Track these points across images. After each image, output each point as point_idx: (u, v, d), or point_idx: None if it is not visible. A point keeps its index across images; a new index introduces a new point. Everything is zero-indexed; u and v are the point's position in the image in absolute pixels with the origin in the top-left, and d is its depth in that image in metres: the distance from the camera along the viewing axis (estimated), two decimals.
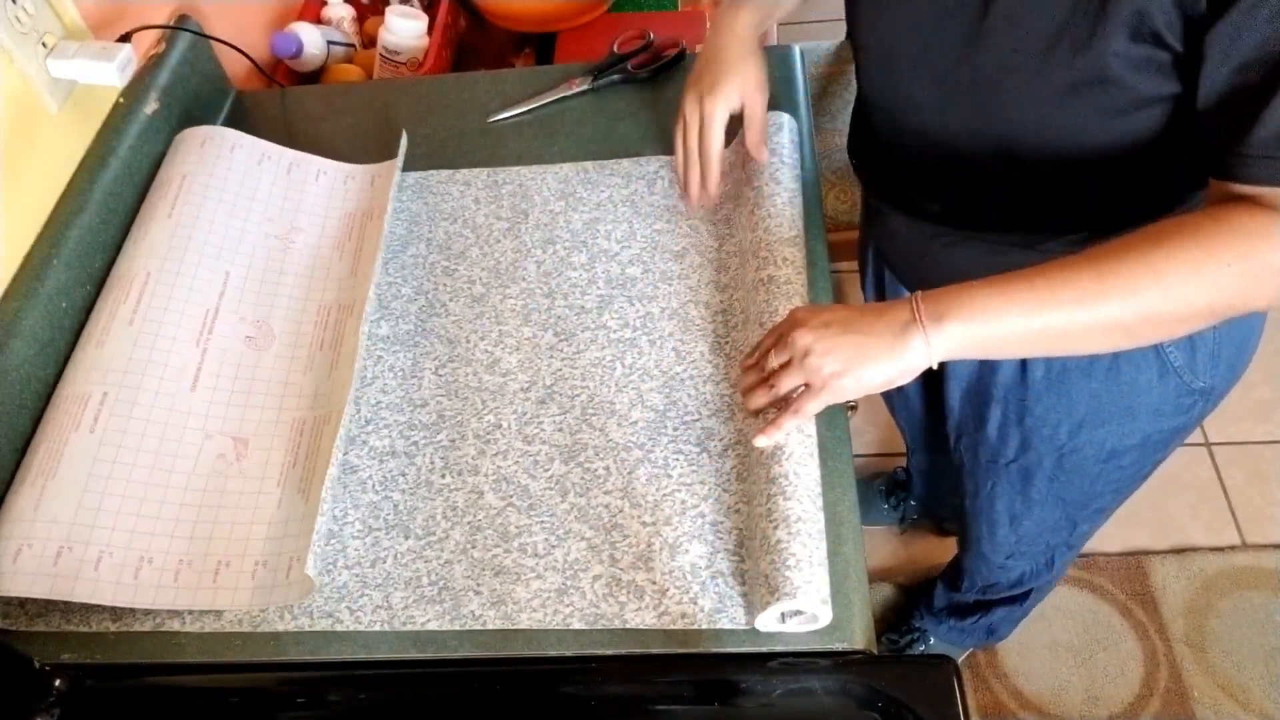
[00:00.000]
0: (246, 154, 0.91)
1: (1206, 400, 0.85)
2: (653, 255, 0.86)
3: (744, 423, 0.73)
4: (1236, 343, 0.81)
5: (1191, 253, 0.58)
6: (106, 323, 0.78)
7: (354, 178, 0.95)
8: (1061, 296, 0.59)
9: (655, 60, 1.02)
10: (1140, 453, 0.91)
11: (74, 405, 0.74)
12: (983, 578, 1.22)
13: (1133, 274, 0.58)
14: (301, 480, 0.73)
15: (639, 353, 0.79)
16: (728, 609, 0.64)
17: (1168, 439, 0.90)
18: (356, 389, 0.79)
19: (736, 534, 0.68)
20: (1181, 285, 0.58)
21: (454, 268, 0.87)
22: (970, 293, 0.61)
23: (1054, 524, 1.03)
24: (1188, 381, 0.81)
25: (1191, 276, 0.58)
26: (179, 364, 0.77)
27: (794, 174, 0.86)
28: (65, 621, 0.69)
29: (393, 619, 0.67)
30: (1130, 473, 0.94)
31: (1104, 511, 1.03)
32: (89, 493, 0.69)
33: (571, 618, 0.65)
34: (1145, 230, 0.60)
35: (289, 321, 0.84)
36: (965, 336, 0.61)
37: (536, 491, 0.72)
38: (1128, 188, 0.70)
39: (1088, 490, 0.96)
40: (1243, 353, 0.84)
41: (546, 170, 0.94)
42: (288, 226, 0.89)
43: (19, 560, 0.66)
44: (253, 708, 0.66)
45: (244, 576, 0.68)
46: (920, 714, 0.60)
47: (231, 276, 0.84)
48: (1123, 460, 0.91)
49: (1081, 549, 1.19)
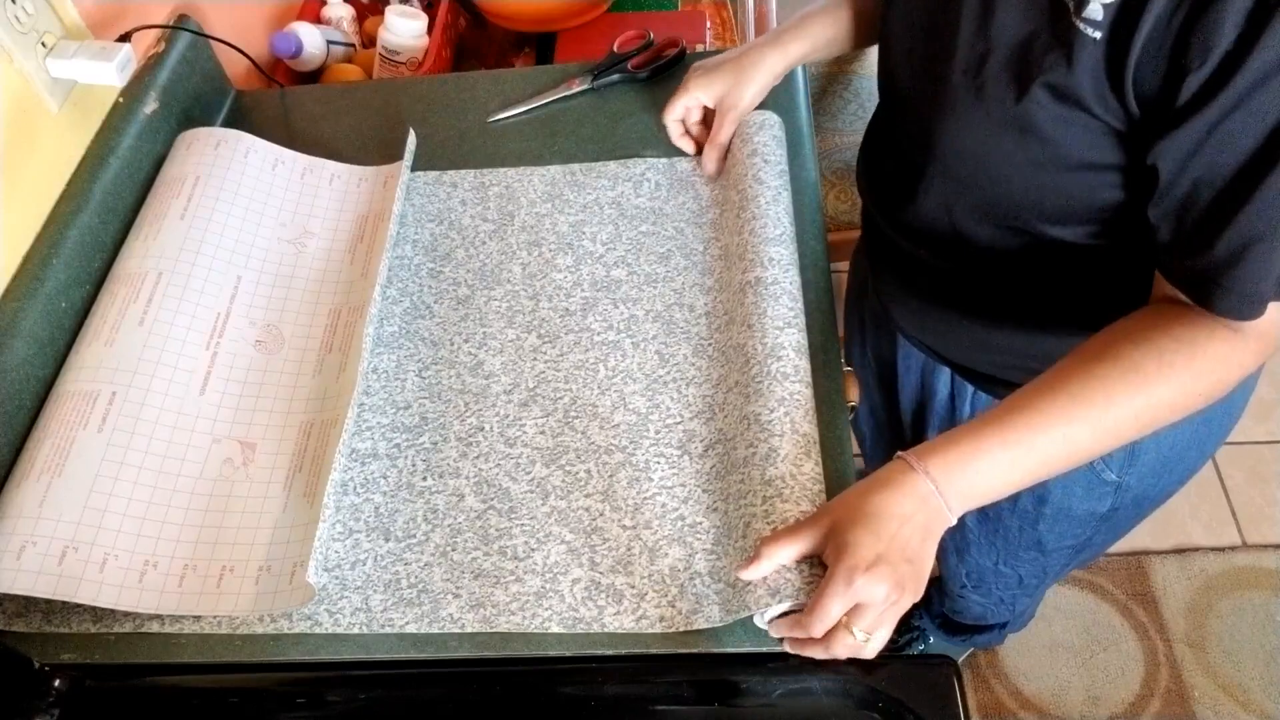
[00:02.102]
0: (261, 159, 0.92)
1: (1122, 496, 0.85)
2: (638, 258, 0.85)
3: (724, 422, 0.73)
4: (1163, 451, 0.81)
5: (1161, 393, 0.59)
6: (116, 320, 0.78)
7: (366, 180, 0.94)
8: (1038, 442, 0.60)
9: (655, 60, 1.02)
10: (1054, 523, 0.91)
11: (82, 402, 0.73)
12: (949, 605, 1.22)
13: (1103, 416, 0.59)
14: (307, 485, 0.73)
15: (622, 355, 0.79)
16: (704, 609, 0.64)
17: (1084, 521, 0.90)
18: None
19: (714, 532, 0.68)
20: (1146, 413, 0.60)
21: (439, 269, 0.87)
22: (961, 461, 0.60)
23: (993, 568, 1.03)
24: (1098, 471, 0.82)
25: (1154, 405, 0.60)
26: (189, 366, 0.77)
27: (778, 171, 0.86)
28: (46, 622, 0.68)
29: (371, 621, 0.66)
30: (1052, 542, 0.94)
31: (1045, 572, 1.03)
32: (95, 493, 0.69)
33: (550, 621, 0.65)
34: (1108, 352, 0.60)
35: (299, 325, 0.83)
36: (970, 502, 0.61)
37: (517, 494, 0.72)
38: (1082, 264, 0.69)
39: (1013, 543, 0.96)
40: (1173, 465, 0.83)
41: (533, 172, 0.94)
42: (301, 230, 0.89)
43: (23, 558, 0.65)
44: (252, 708, 0.66)
45: (247, 582, 0.68)
46: (920, 714, 0.60)
47: (243, 280, 0.84)
48: (1038, 525, 0.92)
49: (1042, 597, 1.18)
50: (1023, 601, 1.16)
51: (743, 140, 0.88)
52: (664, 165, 0.92)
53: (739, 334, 0.76)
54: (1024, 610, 1.21)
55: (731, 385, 0.74)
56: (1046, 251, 0.69)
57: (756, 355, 0.73)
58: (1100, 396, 0.59)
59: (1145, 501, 0.88)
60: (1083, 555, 1.00)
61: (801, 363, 0.72)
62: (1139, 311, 0.63)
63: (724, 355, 0.77)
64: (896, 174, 0.77)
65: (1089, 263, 0.69)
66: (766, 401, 0.70)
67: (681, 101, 0.89)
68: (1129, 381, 0.59)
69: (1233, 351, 0.60)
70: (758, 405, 0.70)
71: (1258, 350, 0.61)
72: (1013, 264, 0.73)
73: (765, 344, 0.73)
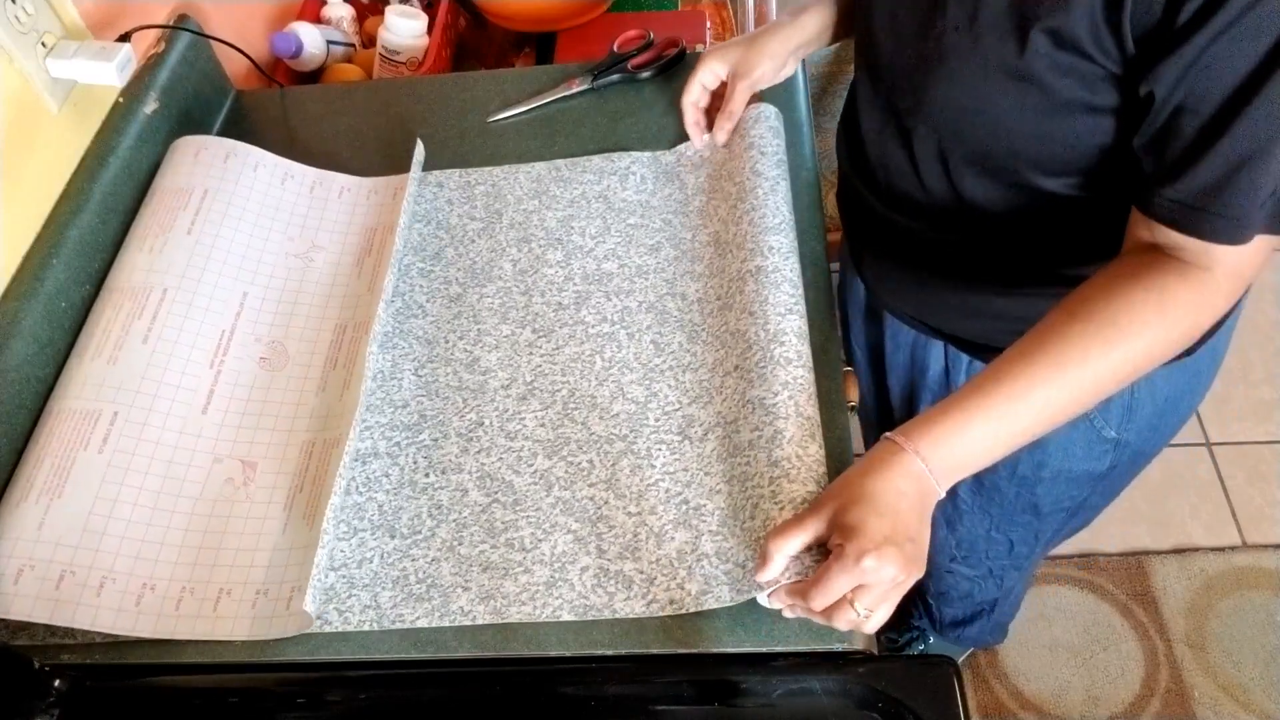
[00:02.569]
0: (269, 173, 0.91)
1: (1121, 453, 0.86)
2: (628, 250, 0.86)
3: (723, 406, 0.73)
4: (1158, 403, 0.82)
5: (1136, 345, 0.61)
6: (120, 337, 0.77)
7: (377, 191, 0.94)
8: (1019, 409, 0.61)
9: (655, 60, 1.02)
10: (1052, 486, 0.92)
11: (83, 422, 0.73)
12: (934, 586, 1.22)
13: (1081, 374, 0.61)
14: (307, 506, 0.72)
15: (618, 346, 0.79)
16: (713, 589, 0.65)
17: (1080, 480, 0.91)
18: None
19: (719, 514, 0.68)
20: (1124, 366, 0.62)
21: (429, 269, 0.88)
22: (947, 436, 0.61)
23: (986, 535, 1.04)
24: (1099, 428, 0.83)
25: (1131, 357, 0.62)
26: (192, 385, 0.77)
27: (775, 161, 0.86)
28: (50, 634, 0.68)
29: (381, 618, 0.66)
30: (1048, 505, 0.95)
31: (1038, 537, 1.03)
32: (94, 515, 0.68)
33: (561, 610, 0.66)
34: (1082, 309, 0.62)
35: (304, 341, 0.83)
36: (958, 474, 0.63)
37: (521, 487, 0.72)
38: (1072, 218, 0.71)
39: (1009, 508, 0.97)
40: (1167, 416, 0.85)
41: (519, 169, 0.94)
42: (309, 244, 0.89)
43: (20, 582, 0.65)
44: (252, 708, 0.66)
45: (244, 605, 0.67)
46: (920, 714, 0.60)
47: (249, 296, 0.83)
48: (1035, 489, 0.92)
49: (1034, 570, 1.19)
50: (1011, 576, 1.15)
51: (740, 134, 0.89)
52: (648, 159, 0.93)
53: (738, 320, 0.76)
54: (1012, 587, 1.21)
55: (730, 369, 0.75)
56: (1037, 206, 0.71)
57: (759, 340, 0.73)
58: (1076, 356, 0.60)
59: (1141, 457, 0.90)
60: (1075, 520, 1.00)
61: (803, 348, 0.73)
62: (1111, 264, 0.64)
63: (719, 340, 0.77)
64: (884, 144, 0.78)
65: (1079, 216, 0.70)
66: (770, 386, 0.70)
67: (697, 78, 0.90)
68: (1104, 337, 0.60)
69: (1204, 293, 0.61)
70: (761, 389, 0.71)
71: (1229, 290, 0.62)
72: (1003, 222, 0.74)
73: (768, 330, 0.73)
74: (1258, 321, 1.86)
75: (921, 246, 0.81)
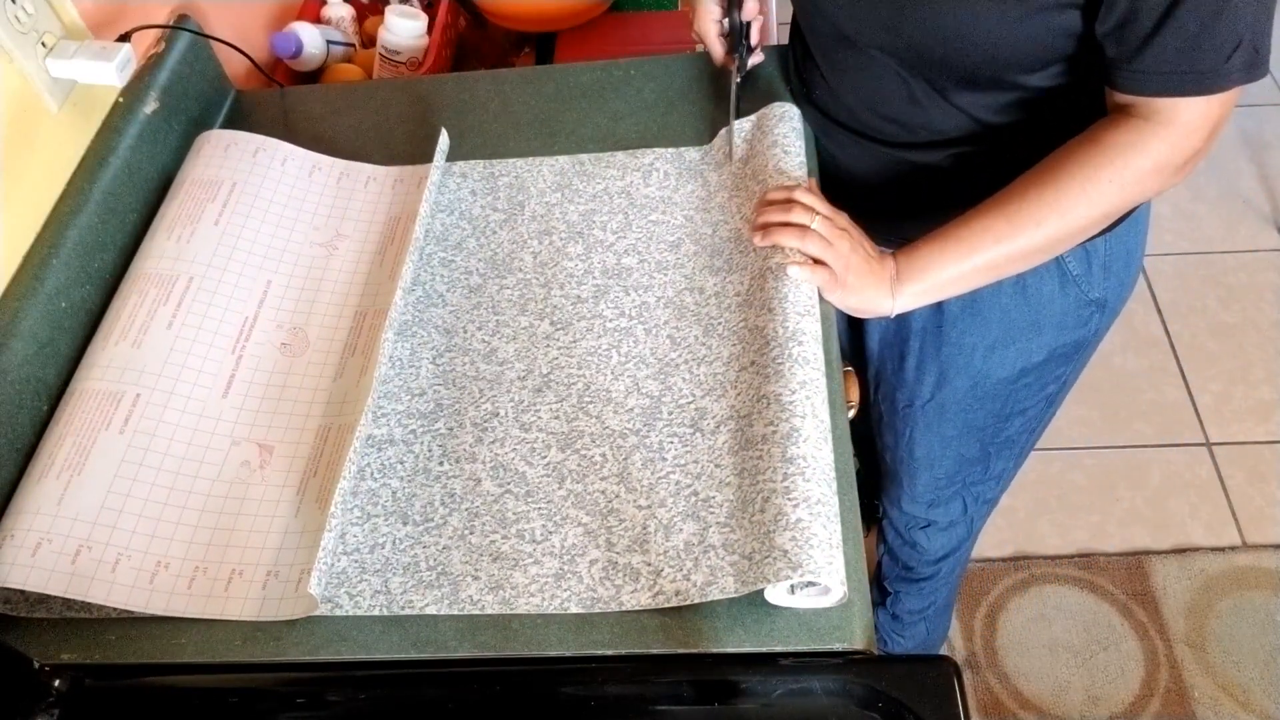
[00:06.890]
0: (298, 166, 0.92)
1: (1101, 313, 0.93)
2: (648, 245, 0.86)
3: (737, 400, 0.73)
4: (1123, 257, 0.90)
5: (1077, 180, 0.72)
6: (145, 321, 0.79)
7: (403, 180, 0.94)
8: (985, 241, 0.75)
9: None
10: (1045, 369, 0.97)
11: (106, 402, 0.74)
12: (905, 555, 1.24)
13: (1037, 210, 0.73)
14: (320, 490, 0.73)
15: (635, 341, 0.79)
16: (719, 580, 0.65)
17: (1069, 354, 0.96)
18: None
19: (728, 506, 0.68)
20: (1076, 208, 0.72)
21: (451, 258, 0.88)
22: (921, 258, 0.76)
23: (971, 458, 1.08)
24: (1085, 291, 0.90)
25: (1082, 198, 0.72)
26: (213, 370, 0.78)
27: (798, 163, 0.86)
28: (67, 608, 0.69)
29: (391, 604, 0.67)
30: (1035, 393, 1.00)
31: (1014, 446, 1.08)
32: (113, 493, 0.70)
33: (569, 602, 0.66)
34: (1042, 165, 0.74)
35: (324, 327, 0.84)
36: (917, 295, 0.78)
37: (534, 478, 0.73)
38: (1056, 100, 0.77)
39: (999, 414, 1.02)
40: (1129, 267, 0.92)
41: (543, 162, 0.94)
42: (333, 233, 0.90)
43: (38, 554, 0.66)
44: (253, 708, 0.67)
45: (255, 586, 0.68)
46: (920, 714, 0.60)
47: (273, 284, 0.84)
48: (1029, 378, 0.97)
49: (996, 502, 1.20)
50: (979, 509, 1.17)
51: (763, 131, 0.89)
52: (672, 155, 0.93)
53: (758, 316, 0.76)
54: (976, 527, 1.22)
55: (746, 364, 0.75)
56: (1025, 102, 0.77)
57: (777, 337, 0.73)
58: (1031, 194, 0.73)
59: (1111, 315, 0.96)
60: (1053, 408, 1.05)
61: (819, 351, 0.73)
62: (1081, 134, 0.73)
63: (736, 335, 0.77)
64: (863, 86, 0.83)
65: (1066, 103, 0.76)
66: (788, 383, 0.71)
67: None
68: (1054, 180, 0.72)
69: (1140, 138, 0.70)
70: (778, 385, 0.71)
71: (1205, 133, 0.69)
72: (998, 128, 0.79)
73: (787, 327, 0.74)
74: (1258, 321, 1.86)
75: (903, 171, 0.86)
